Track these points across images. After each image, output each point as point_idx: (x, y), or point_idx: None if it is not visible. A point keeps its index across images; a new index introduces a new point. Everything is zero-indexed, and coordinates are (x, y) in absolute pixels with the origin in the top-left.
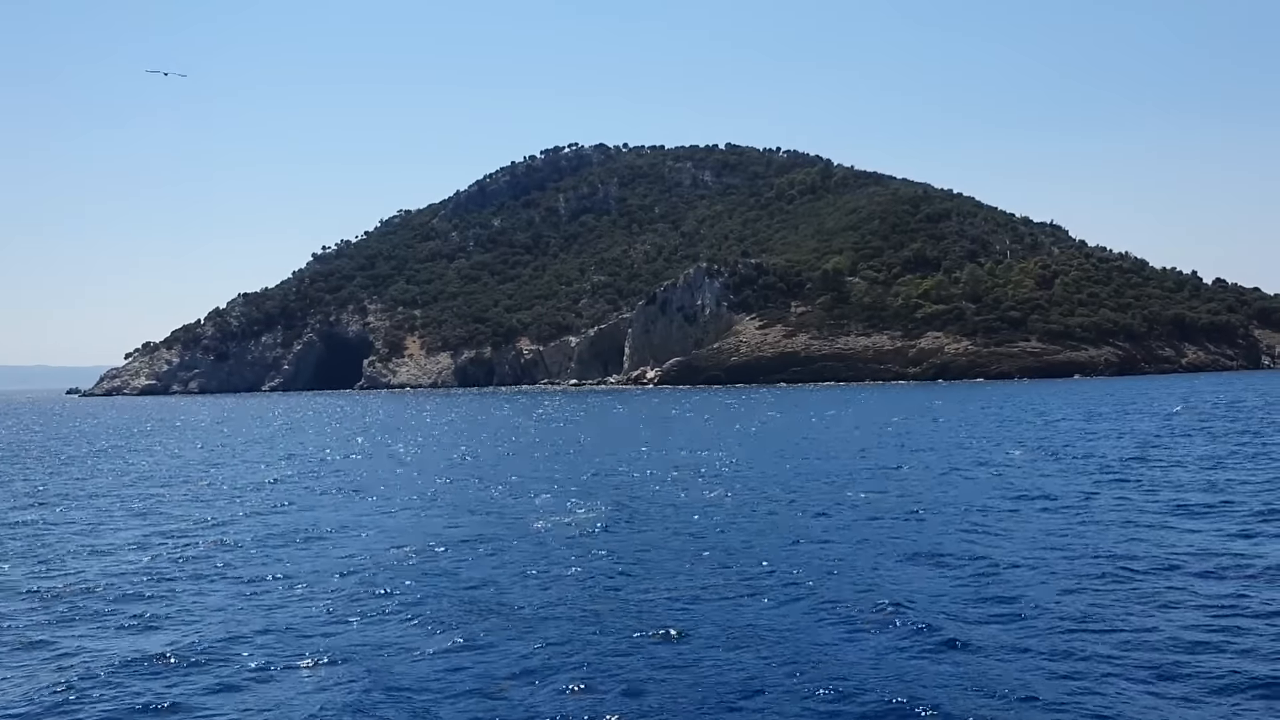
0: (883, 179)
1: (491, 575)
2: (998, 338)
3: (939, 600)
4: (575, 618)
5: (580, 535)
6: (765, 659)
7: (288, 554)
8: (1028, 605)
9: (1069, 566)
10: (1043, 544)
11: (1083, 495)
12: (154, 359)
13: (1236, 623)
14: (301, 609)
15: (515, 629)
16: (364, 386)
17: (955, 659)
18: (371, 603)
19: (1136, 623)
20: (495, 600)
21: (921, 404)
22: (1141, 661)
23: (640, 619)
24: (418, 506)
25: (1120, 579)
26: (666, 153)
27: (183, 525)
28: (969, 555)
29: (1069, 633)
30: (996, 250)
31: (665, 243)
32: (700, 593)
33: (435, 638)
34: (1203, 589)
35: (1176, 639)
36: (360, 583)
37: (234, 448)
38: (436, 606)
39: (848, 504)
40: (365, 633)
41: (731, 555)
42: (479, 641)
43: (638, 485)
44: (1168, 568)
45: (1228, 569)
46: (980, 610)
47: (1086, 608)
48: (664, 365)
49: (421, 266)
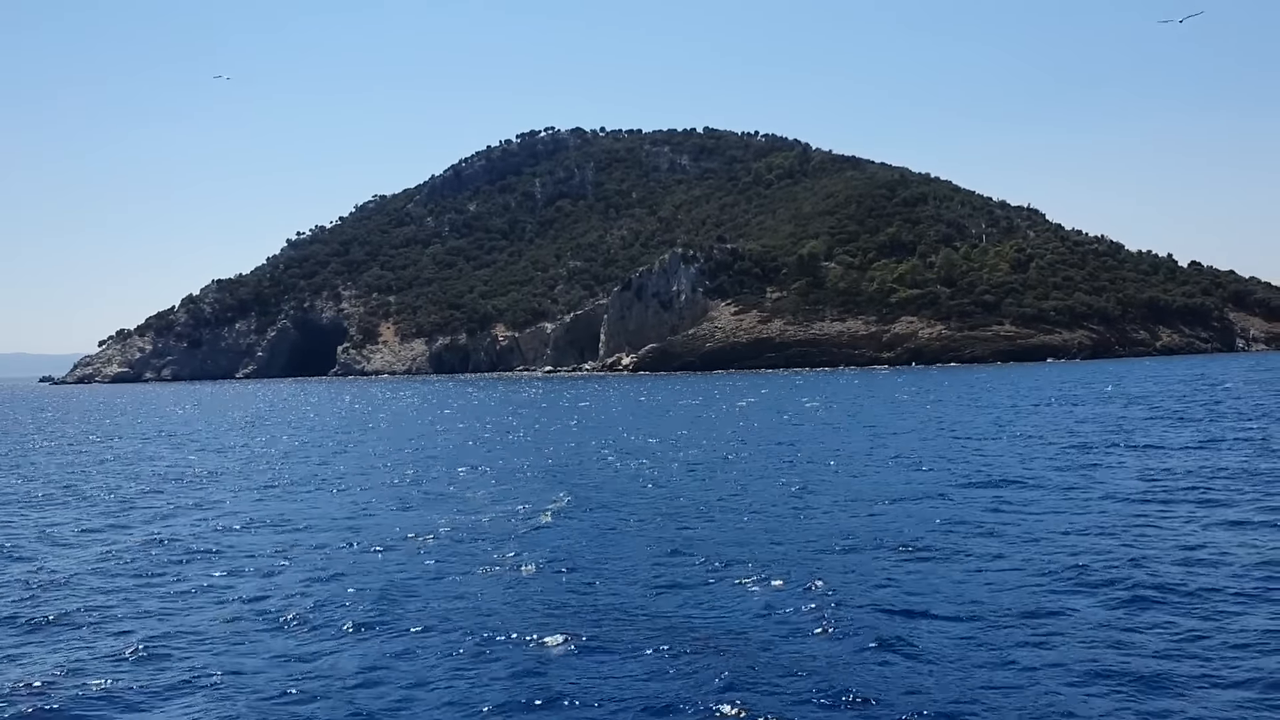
0: (860, 163)
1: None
2: (972, 321)
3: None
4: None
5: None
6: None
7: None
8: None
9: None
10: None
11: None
12: (126, 346)
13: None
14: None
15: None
16: (338, 373)
17: (888, 658)
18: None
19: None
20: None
21: (884, 392)
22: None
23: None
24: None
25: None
26: (643, 136)
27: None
28: (901, 545)
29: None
30: (972, 234)
31: (642, 228)
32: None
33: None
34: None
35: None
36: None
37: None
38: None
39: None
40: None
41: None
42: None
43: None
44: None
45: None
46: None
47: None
48: (640, 352)
49: (396, 252)
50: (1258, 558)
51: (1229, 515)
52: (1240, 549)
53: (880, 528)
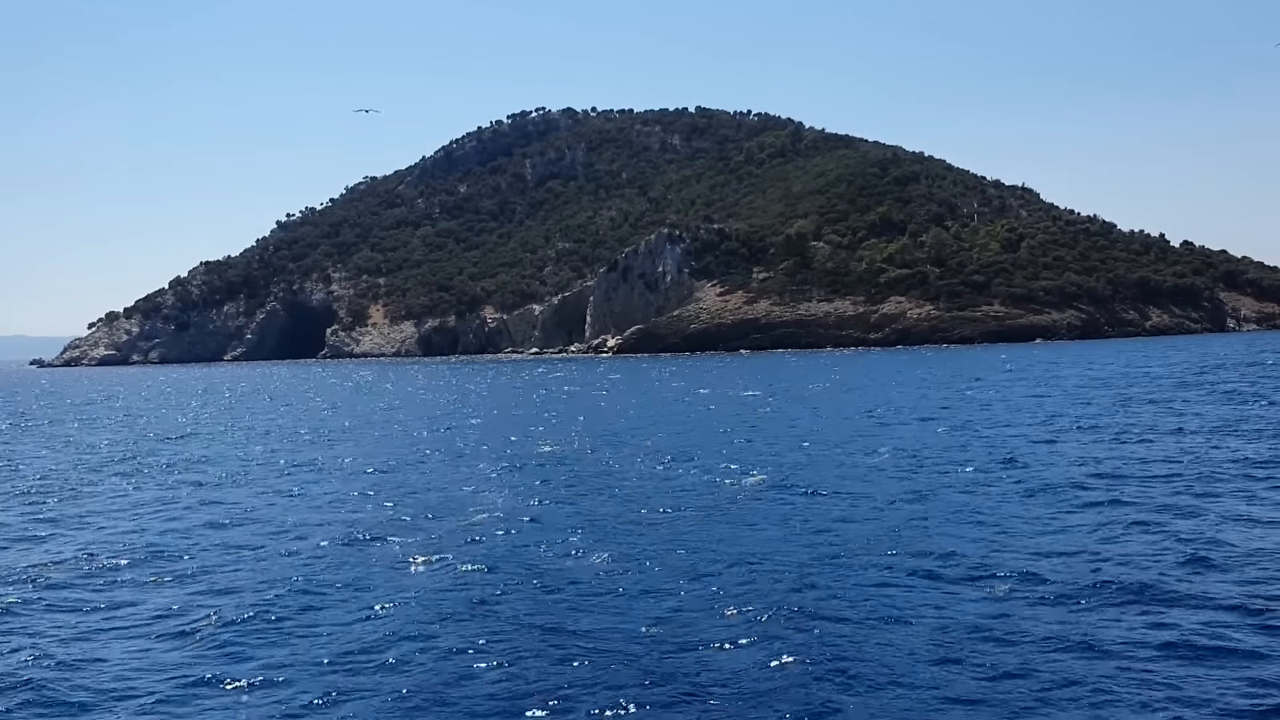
0: (854, 142)
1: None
2: (961, 302)
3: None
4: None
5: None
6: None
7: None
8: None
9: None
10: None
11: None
12: (114, 329)
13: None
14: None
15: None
16: (327, 356)
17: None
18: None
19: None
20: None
21: (842, 378)
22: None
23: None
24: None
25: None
26: (635, 116)
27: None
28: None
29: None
30: (964, 213)
31: (632, 208)
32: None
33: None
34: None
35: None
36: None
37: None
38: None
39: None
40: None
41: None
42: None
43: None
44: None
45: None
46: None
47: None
48: (624, 334)
49: (386, 234)
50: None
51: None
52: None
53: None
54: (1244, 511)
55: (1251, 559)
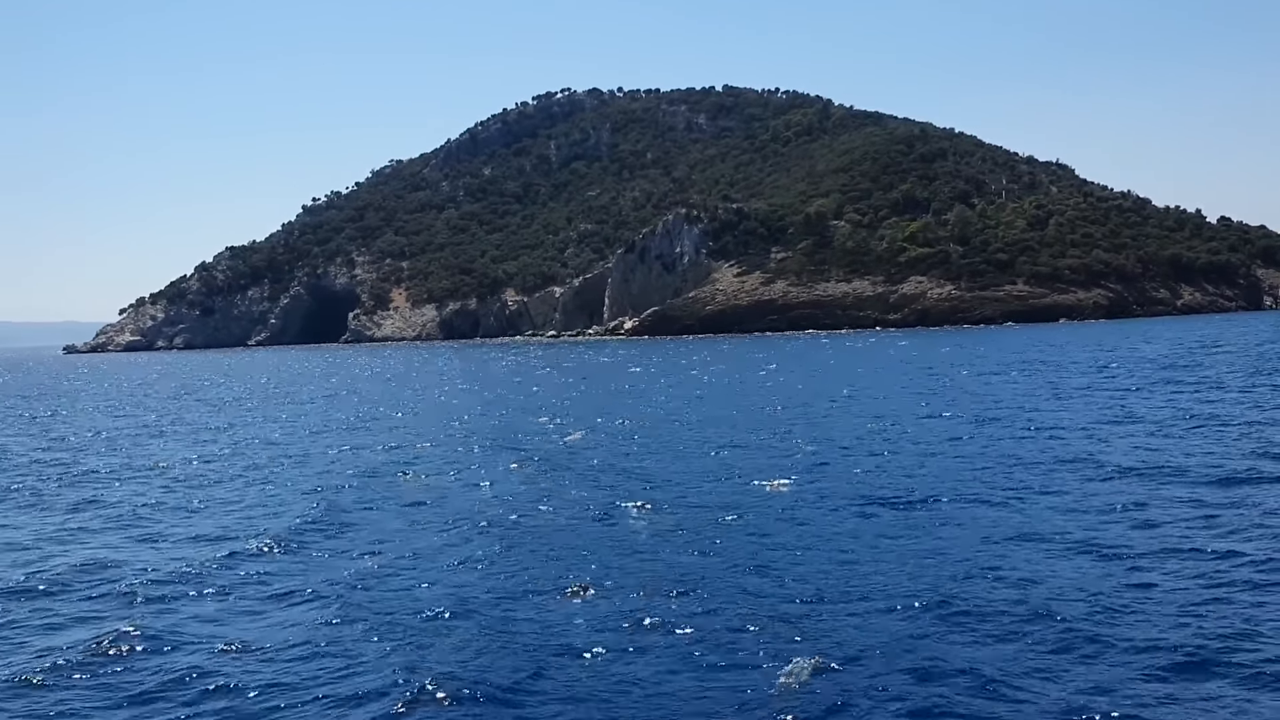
0: (883, 119)
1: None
2: (983, 281)
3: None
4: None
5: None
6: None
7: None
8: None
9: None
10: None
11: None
12: (139, 314)
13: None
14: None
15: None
16: (348, 340)
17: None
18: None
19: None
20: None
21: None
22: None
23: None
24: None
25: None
26: (661, 96)
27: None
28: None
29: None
30: (991, 190)
31: (655, 189)
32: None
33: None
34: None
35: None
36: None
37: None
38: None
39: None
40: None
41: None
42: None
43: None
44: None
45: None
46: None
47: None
48: (641, 315)
49: (410, 217)
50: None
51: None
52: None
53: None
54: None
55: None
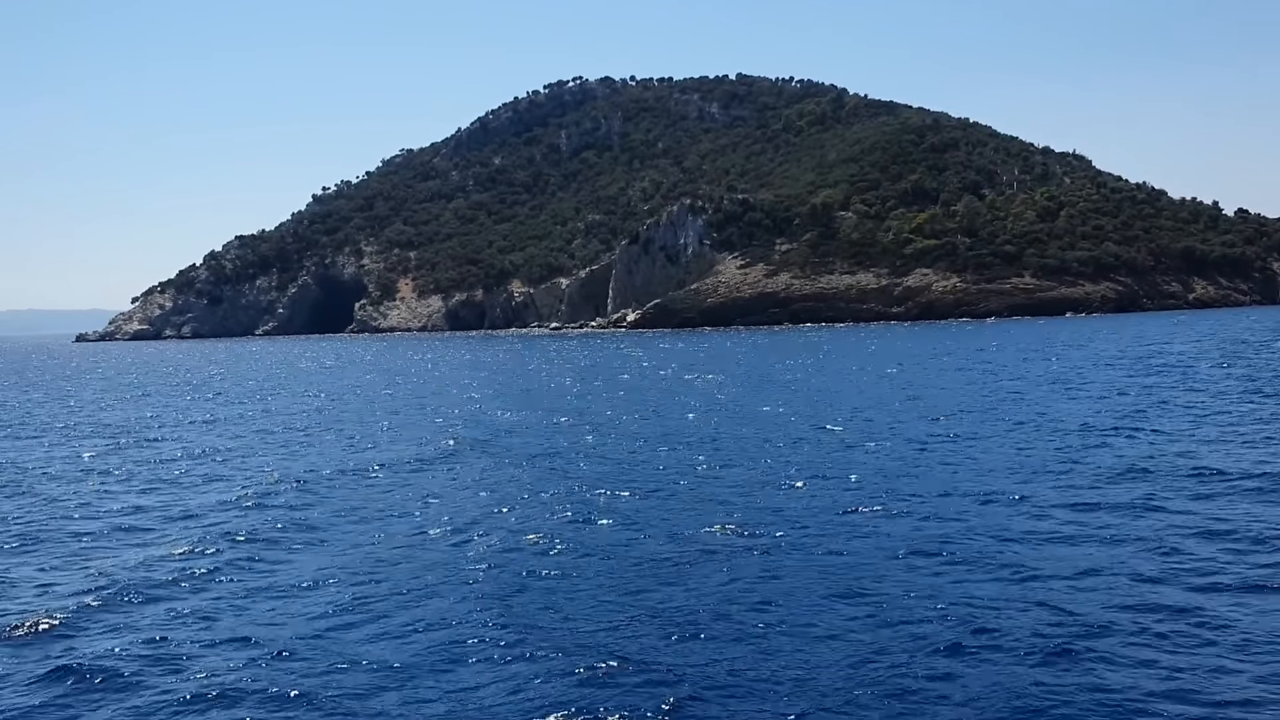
0: (896, 108)
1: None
2: (989, 274)
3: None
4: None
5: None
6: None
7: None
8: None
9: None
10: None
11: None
12: (147, 303)
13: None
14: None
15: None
16: (354, 330)
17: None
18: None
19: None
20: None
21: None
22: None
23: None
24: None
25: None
26: (674, 85)
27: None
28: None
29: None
30: (1003, 181)
31: (664, 179)
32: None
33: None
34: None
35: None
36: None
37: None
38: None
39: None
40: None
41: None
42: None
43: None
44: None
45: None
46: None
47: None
48: (643, 308)
49: (420, 207)
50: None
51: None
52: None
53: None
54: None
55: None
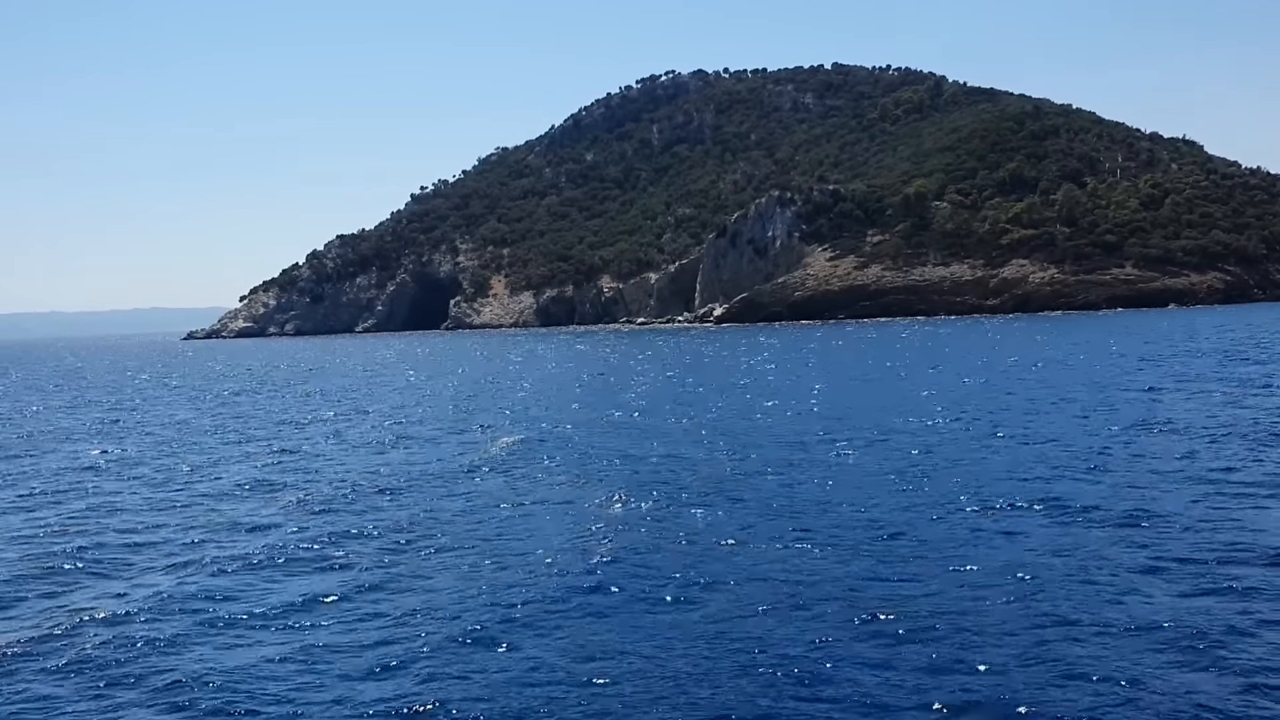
0: (996, 95)
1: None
2: (1088, 264)
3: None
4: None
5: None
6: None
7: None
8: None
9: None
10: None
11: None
12: (253, 301)
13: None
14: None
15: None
16: (449, 327)
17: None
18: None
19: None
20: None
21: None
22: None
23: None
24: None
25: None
26: (767, 76)
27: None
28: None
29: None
30: (1105, 169)
31: (756, 171)
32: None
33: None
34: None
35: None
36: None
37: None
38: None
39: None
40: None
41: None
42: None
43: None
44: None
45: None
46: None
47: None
48: (730, 302)
49: (513, 204)
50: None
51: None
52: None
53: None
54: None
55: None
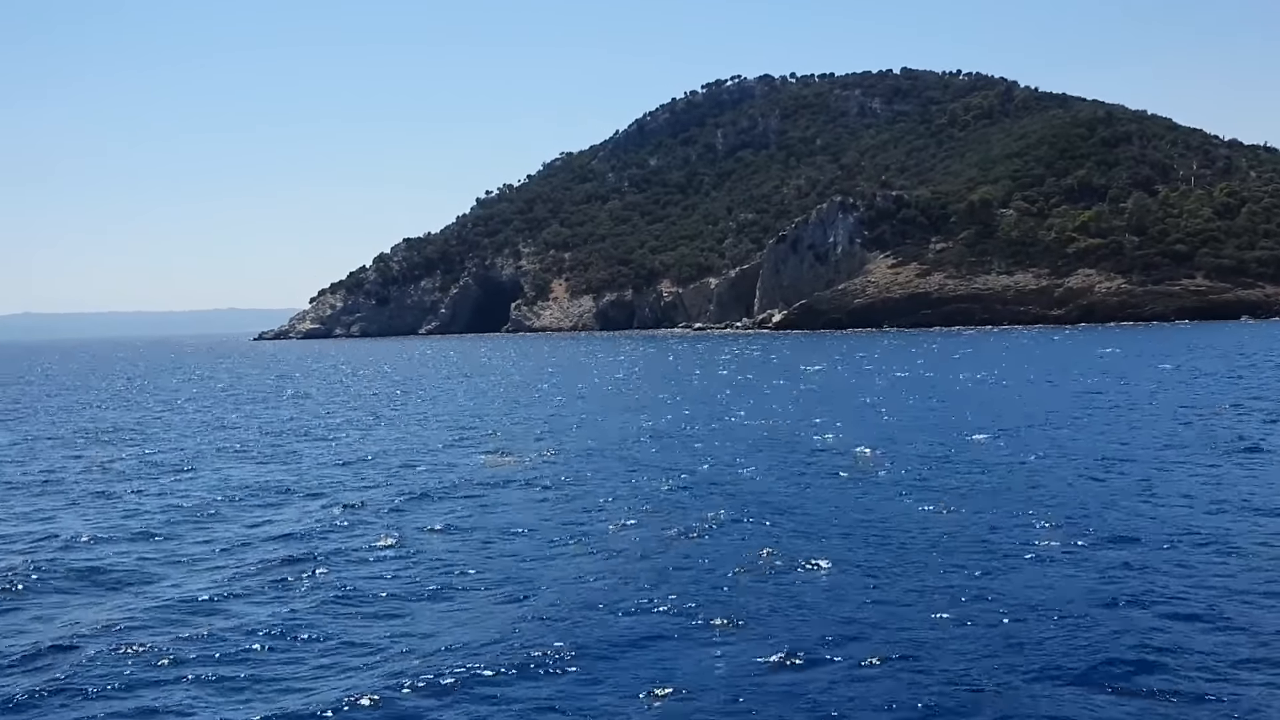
0: (1069, 101)
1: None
2: (1157, 275)
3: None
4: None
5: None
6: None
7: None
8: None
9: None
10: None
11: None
12: (320, 304)
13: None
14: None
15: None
16: (509, 330)
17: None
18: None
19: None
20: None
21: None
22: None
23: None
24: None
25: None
26: (834, 81)
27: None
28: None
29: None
30: (1179, 176)
31: (821, 176)
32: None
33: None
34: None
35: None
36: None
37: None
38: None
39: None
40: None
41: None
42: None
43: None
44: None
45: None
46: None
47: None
48: (789, 308)
49: (576, 209)
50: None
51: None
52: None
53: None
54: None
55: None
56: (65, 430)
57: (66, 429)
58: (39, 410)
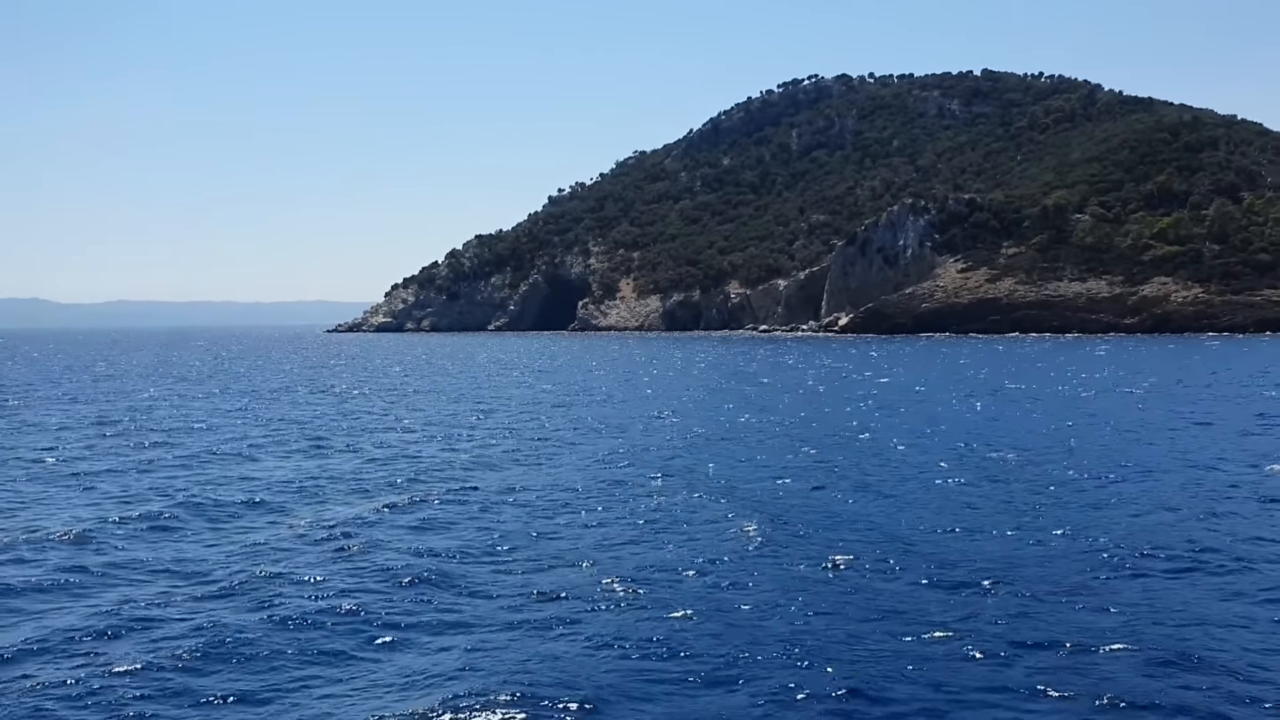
0: (1154, 105)
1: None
2: (1237, 285)
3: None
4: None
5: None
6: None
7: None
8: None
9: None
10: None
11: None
12: (392, 297)
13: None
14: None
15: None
16: (576, 328)
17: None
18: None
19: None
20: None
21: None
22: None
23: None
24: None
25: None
26: (913, 81)
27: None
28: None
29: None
30: (1267, 183)
31: (896, 178)
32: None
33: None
34: None
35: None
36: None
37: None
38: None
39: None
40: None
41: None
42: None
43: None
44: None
45: None
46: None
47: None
48: (855, 312)
49: (647, 208)
50: None
51: None
52: None
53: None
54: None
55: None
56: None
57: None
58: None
